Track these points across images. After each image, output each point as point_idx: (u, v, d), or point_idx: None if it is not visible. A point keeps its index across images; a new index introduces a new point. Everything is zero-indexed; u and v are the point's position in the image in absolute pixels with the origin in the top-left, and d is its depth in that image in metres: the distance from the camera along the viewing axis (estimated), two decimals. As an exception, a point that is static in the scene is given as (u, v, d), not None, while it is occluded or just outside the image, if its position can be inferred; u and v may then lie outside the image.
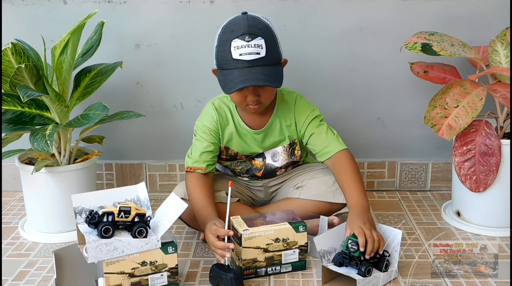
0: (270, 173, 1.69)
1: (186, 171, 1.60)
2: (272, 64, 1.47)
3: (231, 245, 1.38)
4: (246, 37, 1.44)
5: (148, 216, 1.34)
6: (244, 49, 1.44)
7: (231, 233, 1.38)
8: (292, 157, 1.67)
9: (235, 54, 1.44)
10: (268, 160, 1.66)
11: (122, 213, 1.30)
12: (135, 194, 1.42)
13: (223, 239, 1.39)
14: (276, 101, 1.62)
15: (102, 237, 1.28)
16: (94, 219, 1.30)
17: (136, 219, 1.32)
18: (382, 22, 1.87)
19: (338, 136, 1.60)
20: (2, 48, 1.49)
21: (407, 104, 1.95)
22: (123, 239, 1.29)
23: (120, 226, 1.31)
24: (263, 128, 1.61)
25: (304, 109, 1.61)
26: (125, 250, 1.30)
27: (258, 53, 1.44)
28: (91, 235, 1.30)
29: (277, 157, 1.65)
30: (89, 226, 1.32)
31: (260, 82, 1.44)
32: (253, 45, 1.44)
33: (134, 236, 1.31)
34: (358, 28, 1.88)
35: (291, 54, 1.81)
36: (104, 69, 1.71)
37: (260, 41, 1.45)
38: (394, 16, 1.87)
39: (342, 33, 1.89)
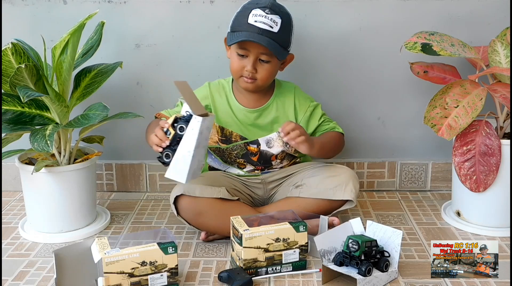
0: (266, 161, 1.70)
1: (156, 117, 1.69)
2: (280, 43, 1.57)
3: (167, 139, 1.44)
4: (266, 10, 1.56)
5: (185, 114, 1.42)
6: (261, 18, 1.55)
7: (168, 124, 1.43)
8: (287, 146, 1.68)
9: (251, 20, 1.56)
10: (263, 147, 1.68)
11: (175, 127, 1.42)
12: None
13: (166, 134, 1.45)
14: (275, 87, 1.71)
15: (167, 159, 1.44)
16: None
17: (175, 124, 1.42)
18: (382, 22, 1.87)
19: (336, 125, 1.73)
20: (2, 48, 1.49)
21: (407, 104, 1.95)
22: (177, 153, 1.41)
23: (174, 143, 1.43)
24: (259, 107, 1.67)
25: (304, 100, 1.71)
26: (190, 149, 1.40)
27: (272, 27, 1.56)
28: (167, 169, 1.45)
29: (271, 144, 1.68)
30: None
31: (264, 42, 1.54)
32: (270, 19, 1.55)
33: (179, 132, 1.42)
34: (358, 28, 1.88)
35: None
36: (104, 69, 1.71)
37: (277, 19, 1.57)
38: (394, 16, 1.87)
39: (342, 33, 1.89)
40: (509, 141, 1.60)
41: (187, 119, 1.41)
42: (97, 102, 1.61)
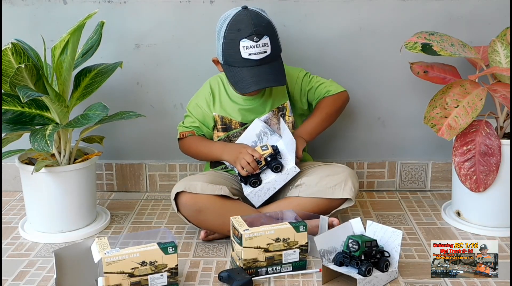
0: None
1: (179, 139, 1.76)
2: (275, 59, 1.61)
3: (259, 170, 1.61)
4: (254, 38, 1.55)
5: (274, 147, 1.62)
6: (253, 49, 1.56)
7: (263, 158, 1.60)
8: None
9: (244, 54, 1.56)
10: None
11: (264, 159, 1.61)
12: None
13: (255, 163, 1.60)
14: None
15: (254, 187, 1.61)
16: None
17: (269, 159, 1.59)
18: (382, 22, 1.87)
19: (332, 81, 1.78)
20: (2, 48, 1.49)
21: (407, 104, 1.95)
22: (269, 180, 1.59)
23: (261, 173, 1.62)
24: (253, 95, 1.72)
25: (292, 71, 1.74)
26: (277, 187, 1.60)
27: (265, 52, 1.58)
28: (246, 188, 1.62)
29: (268, 123, 1.71)
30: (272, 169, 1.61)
31: (271, 83, 1.60)
32: (261, 45, 1.56)
33: (274, 171, 1.59)
34: (358, 28, 1.88)
35: (291, 54, 1.82)
36: (104, 69, 1.71)
37: (266, 39, 1.57)
38: (394, 16, 1.87)
39: (342, 33, 1.89)
40: (509, 141, 1.60)
41: (279, 161, 1.61)
42: (97, 102, 1.61)
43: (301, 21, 1.87)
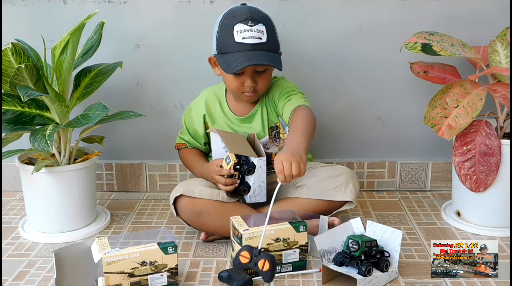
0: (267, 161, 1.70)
1: (177, 149, 1.79)
2: (272, 50, 1.56)
3: (237, 181, 1.56)
4: (249, 22, 1.52)
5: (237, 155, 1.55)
6: (247, 33, 1.51)
7: (232, 171, 1.54)
8: (277, 140, 1.70)
9: (238, 38, 1.52)
10: None
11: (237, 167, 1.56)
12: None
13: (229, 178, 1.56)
14: None
15: (247, 193, 1.59)
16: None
17: (237, 167, 1.54)
18: (382, 22, 1.87)
19: (303, 99, 1.60)
20: (2, 48, 1.49)
21: (407, 104, 1.95)
22: (253, 180, 1.55)
23: (242, 180, 1.58)
24: (248, 115, 1.67)
25: (280, 86, 1.65)
26: (263, 180, 1.57)
27: (260, 38, 1.52)
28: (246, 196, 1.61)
29: (268, 145, 1.69)
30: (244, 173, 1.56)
31: (264, 61, 1.51)
32: (255, 30, 1.52)
33: (248, 174, 1.56)
34: (358, 28, 1.88)
35: (291, 54, 1.82)
36: (104, 69, 1.71)
37: (261, 27, 1.53)
38: (394, 16, 1.87)
39: (342, 33, 1.89)
40: (509, 141, 1.60)
41: (247, 162, 1.56)
42: (97, 102, 1.60)
43: (301, 21, 1.87)
